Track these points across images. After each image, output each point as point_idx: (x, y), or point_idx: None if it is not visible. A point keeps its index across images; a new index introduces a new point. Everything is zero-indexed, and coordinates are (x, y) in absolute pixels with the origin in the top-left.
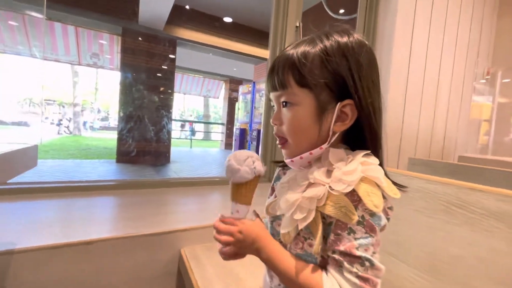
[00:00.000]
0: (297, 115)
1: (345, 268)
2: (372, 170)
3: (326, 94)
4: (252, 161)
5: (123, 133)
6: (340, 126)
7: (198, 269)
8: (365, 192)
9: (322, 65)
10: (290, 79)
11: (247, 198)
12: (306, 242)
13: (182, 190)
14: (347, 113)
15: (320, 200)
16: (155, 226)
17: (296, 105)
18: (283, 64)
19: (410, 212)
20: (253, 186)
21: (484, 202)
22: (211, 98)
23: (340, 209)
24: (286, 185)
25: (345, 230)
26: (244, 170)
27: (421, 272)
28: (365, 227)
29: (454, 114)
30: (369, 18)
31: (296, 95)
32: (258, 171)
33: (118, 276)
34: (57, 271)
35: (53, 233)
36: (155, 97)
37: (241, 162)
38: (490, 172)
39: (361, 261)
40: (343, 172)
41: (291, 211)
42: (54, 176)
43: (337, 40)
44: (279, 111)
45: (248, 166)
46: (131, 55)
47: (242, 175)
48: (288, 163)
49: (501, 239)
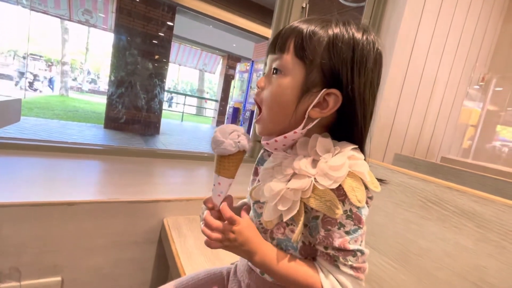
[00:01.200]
0: (281, 85)
1: (341, 262)
2: (358, 165)
3: (317, 75)
4: (237, 135)
5: (113, 98)
6: (317, 113)
7: (179, 239)
8: (350, 187)
9: (326, 46)
10: (291, 45)
11: (229, 172)
12: (288, 228)
13: (170, 162)
14: (328, 102)
15: (305, 192)
16: (139, 194)
17: (285, 75)
18: (291, 31)
19: (389, 204)
20: (236, 161)
21: (458, 201)
22: (207, 72)
23: (325, 203)
24: (271, 171)
25: (335, 225)
26: (228, 143)
27: (391, 261)
28: (354, 219)
29: (444, 116)
30: (377, 8)
31: (289, 64)
32: (242, 146)
33: (99, 239)
34: (37, 229)
35: (35, 191)
36: (149, 64)
37: (226, 135)
38: (468, 175)
39: (354, 253)
40: (330, 166)
41: (274, 201)
42: (37, 135)
43: (352, 33)
44: (268, 75)
45: (232, 139)
46: (126, 17)
47: (225, 148)
48: (264, 145)
49: (468, 237)
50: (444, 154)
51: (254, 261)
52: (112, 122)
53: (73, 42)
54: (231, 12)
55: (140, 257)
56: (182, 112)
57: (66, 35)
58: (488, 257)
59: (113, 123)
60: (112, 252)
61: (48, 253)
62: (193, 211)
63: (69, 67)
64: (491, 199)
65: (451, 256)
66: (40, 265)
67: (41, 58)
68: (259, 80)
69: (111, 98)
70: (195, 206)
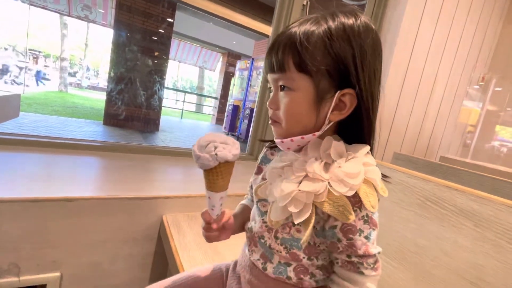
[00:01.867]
0: (294, 101)
1: (364, 268)
2: (371, 172)
3: (326, 81)
4: (213, 147)
5: (112, 94)
6: (337, 115)
7: (178, 235)
8: (365, 194)
9: (325, 50)
10: (289, 62)
11: (216, 185)
12: (294, 228)
13: (169, 159)
14: (345, 102)
15: (319, 196)
16: (139, 190)
17: (294, 90)
18: (284, 44)
19: (388, 203)
20: (221, 173)
21: (457, 201)
22: (207, 70)
23: (338, 208)
24: (280, 170)
25: (356, 233)
26: (204, 157)
27: (389, 259)
28: (369, 223)
29: (443, 115)
30: (377, 8)
31: (294, 80)
32: (221, 158)
33: (97, 236)
34: (36, 224)
35: (33, 187)
36: (148, 61)
37: (202, 149)
38: (466, 174)
39: (374, 255)
40: (346, 173)
41: (285, 202)
42: (37, 131)
43: (342, 22)
44: (276, 94)
45: (208, 152)
46: (126, 13)
47: (202, 162)
48: (278, 143)
49: (466, 236)
50: (443, 153)
51: None
52: (111, 118)
53: (72, 37)
54: (232, 9)
55: (139, 254)
56: (181, 109)
57: (65, 31)
58: (485, 256)
59: (112, 120)
60: (111, 248)
61: (47, 248)
62: (192, 208)
63: (68, 63)
64: (489, 199)
65: (449, 255)
66: (39, 260)
67: (40, 54)
68: (270, 102)
69: (111, 95)
70: (195, 203)
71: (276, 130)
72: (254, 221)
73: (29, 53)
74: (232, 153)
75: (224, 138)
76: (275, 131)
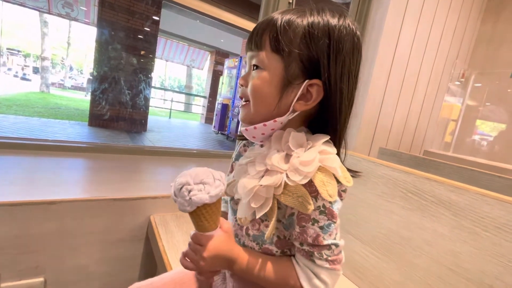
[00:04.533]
0: (262, 80)
1: (316, 257)
2: (329, 160)
3: (297, 67)
4: (186, 191)
5: (96, 94)
6: (302, 105)
7: (166, 235)
8: (321, 182)
9: (302, 36)
10: (266, 41)
11: (201, 227)
12: (262, 224)
13: (157, 159)
14: (312, 93)
15: (277, 188)
16: (125, 191)
17: (264, 69)
18: (266, 25)
19: (372, 196)
20: (202, 215)
21: (436, 191)
22: (195, 68)
23: (297, 199)
24: (245, 167)
25: (309, 222)
26: (179, 202)
27: (374, 250)
28: (327, 215)
29: (427, 111)
30: (362, 5)
31: (266, 59)
32: (197, 203)
33: (82, 238)
34: (16, 229)
35: (13, 190)
36: (133, 59)
37: (177, 192)
38: (447, 167)
39: (328, 247)
40: (301, 161)
41: (248, 198)
42: (17, 133)
43: (327, 19)
44: (249, 72)
45: (182, 197)
46: (109, 10)
47: (180, 207)
48: (243, 131)
49: (445, 225)
50: (427, 147)
51: (234, 271)
52: (96, 119)
53: (54, 36)
54: (218, 7)
55: (127, 255)
56: (170, 109)
57: (45, 29)
58: (462, 243)
59: (98, 121)
60: (97, 251)
61: (29, 254)
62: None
63: (50, 62)
64: (465, 189)
65: (430, 244)
66: (21, 266)
67: (19, 53)
68: (241, 78)
69: (95, 94)
70: None
71: (243, 111)
72: (230, 220)
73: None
74: (210, 194)
75: (201, 176)
76: (241, 114)
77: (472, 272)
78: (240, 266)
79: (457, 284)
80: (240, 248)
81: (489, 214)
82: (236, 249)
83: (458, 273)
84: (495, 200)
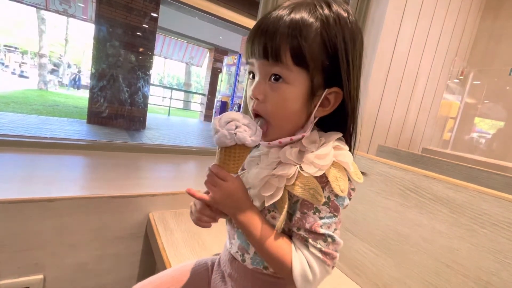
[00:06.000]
0: (288, 97)
1: (310, 244)
2: (343, 155)
3: (320, 77)
4: (234, 126)
5: (94, 91)
6: (321, 112)
7: (165, 232)
8: (334, 177)
9: (322, 44)
10: (286, 53)
11: (226, 166)
12: (269, 214)
13: (156, 157)
14: (330, 100)
15: (290, 179)
16: (124, 189)
17: (288, 83)
18: (282, 30)
19: (371, 193)
20: (233, 155)
21: (434, 189)
22: (194, 66)
23: (309, 190)
24: (257, 159)
25: (311, 209)
26: (222, 134)
27: (372, 247)
28: (330, 207)
29: (425, 108)
30: (361, 2)
31: (291, 72)
32: (239, 139)
33: (82, 236)
34: (14, 226)
35: (12, 188)
36: (132, 57)
37: (223, 124)
38: (446, 164)
39: (324, 238)
40: (316, 155)
41: (259, 187)
42: (15, 131)
43: (338, 14)
44: (263, 83)
45: (228, 130)
46: (107, 6)
47: (219, 138)
48: (265, 145)
49: (443, 222)
50: (425, 145)
51: (237, 219)
52: (95, 117)
53: (51, 33)
54: (216, 4)
55: (126, 252)
56: (169, 106)
57: (43, 26)
58: (460, 240)
59: (96, 118)
60: (96, 248)
61: (27, 251)
62: (179, 205)
63: (48, 59)
64: (463, 186)
65: (427, 241)
66: (20, 263)
67: (16, 50)
68: (255, 91)
69: (93, 91)
70: (182, 200)
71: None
72: None
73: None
74: (252, 138)
75: (248, 121)
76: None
77: (469, 268)
78: (245, 218)
79: (454, 280)
80: (254, 205)
81: (486, 211)
82: (250, 201)
83: (455, 269)
84: (493, 197)
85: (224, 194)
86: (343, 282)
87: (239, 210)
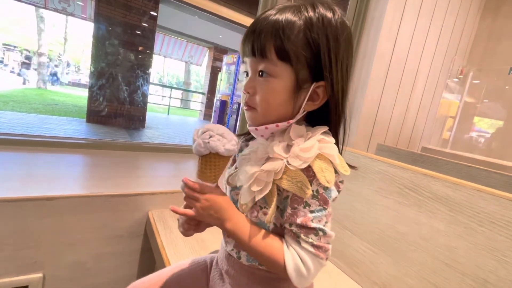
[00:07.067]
0: (274, 89)
1: (302, 239)
2: (328, 147)
3: (305, 71)
4: (208, 135)
5: (93, 89)
6: (310, 106)
7: (165, 231)
8: (319, 168)
9: (305, 41)
10: (271, 49)
11: (202, 174)
12: (261, 211)
13: (156, 156)
14: (319, 94)
15: (277, 173)
16: (123, 187)
17: (274, 77)
18: (266, 30)
19: (370, 192)
20: (209, 164)
21: (433, 187)
22: (194, 64)
23: (296, 183)
24: (247, 156)
25: (301, 204)
26: (197, 143)
27: (370, 245)
28: (319, 200)
29: (425, 108)
30: (361, 1)
31: (276, 67)
32: (212, 148)
33: (81, 234)
34: (13, 225)
35: (11, 187)
36: (131, 55)
37: (200, 134)
38: (444, 163)
39: (315, 231)
40: (301, 148)
41: (249, 183)
42: (14, 130)
43: (322, 14)
44: (254, 78)
45: (202, 139)
46: (106, 5)
47: (195, 147)
48: (252, 130)
49: (441, 220)
50: (425, 144)
51: (226, 228)
52: (94, 116)
53: (50, 32)
54: (216, 2)
55: (125, 251)
56: (168, 105)
57: (42, 24)
58: (458, 238)
59: (96, 117)
60: (96, 247)
61: (27, 249)
62: (179, 203)
63: (47, 58)
64: (462, 184)
65: (426, 239)
66: (19, 262)
67: (15, 49)
68: (247, 86)
69: (92, 90)
70: (181, 199)
71: (251, 115)
72: None
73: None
74: (225, 147)
75: (223, 131)
76: (249, 117)
77: (467, 266)
78: (230, 225)
79: (452, 278)
80: (237, 210)
81: (485, 209)
82: (232, 208)
83: (454, 267)
84: (491, 196)
85: (204, 206)
86: (342, 280)
87: (223, 220)
